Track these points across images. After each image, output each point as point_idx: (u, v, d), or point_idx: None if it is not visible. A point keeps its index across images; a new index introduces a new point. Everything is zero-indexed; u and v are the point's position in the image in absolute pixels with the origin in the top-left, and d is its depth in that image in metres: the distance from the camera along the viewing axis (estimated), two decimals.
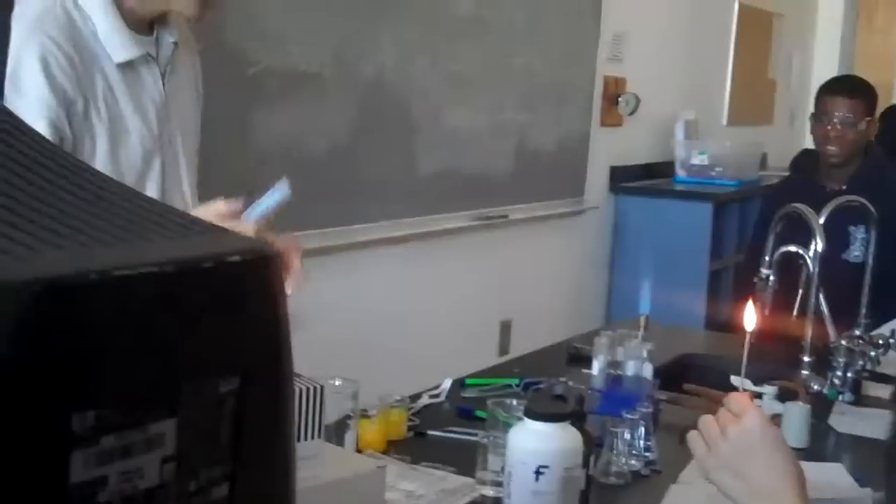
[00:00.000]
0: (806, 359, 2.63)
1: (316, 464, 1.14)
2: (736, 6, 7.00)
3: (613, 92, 5.51)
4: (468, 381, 2.46)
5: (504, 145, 4.70)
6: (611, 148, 5.55)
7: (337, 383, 1.83)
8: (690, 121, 6.19)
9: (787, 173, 4.22)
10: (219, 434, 0.57)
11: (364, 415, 1.98)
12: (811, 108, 3.84)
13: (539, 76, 4.87)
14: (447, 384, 2.39)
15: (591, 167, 5.35)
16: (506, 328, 4.88)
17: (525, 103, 4.81)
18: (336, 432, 1.80)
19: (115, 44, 1.87)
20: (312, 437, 1.14)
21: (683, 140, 6.08)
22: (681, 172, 6.02)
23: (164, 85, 1.97)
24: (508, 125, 4.70)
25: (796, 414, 2.21)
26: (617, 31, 5.47)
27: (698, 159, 5.99)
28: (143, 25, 1.93)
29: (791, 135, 7.86)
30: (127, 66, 1.90)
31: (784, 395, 2.33)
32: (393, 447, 2.02)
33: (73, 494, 0.50)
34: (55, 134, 1.77)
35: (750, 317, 1.64)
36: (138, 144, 1.91)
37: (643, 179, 5.83)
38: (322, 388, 1.17)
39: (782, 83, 7.93)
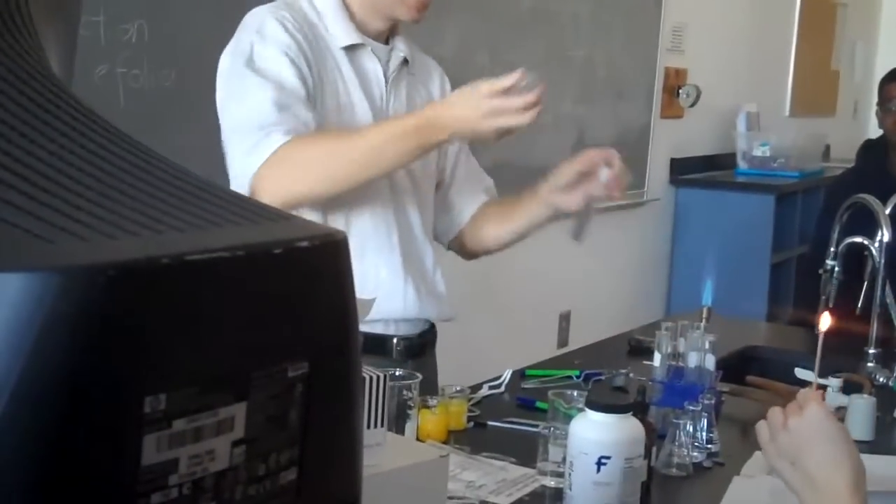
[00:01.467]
0: (871, 351, 2.60)
1: (379, 452, 1.14)
2: None
3: (674, 83, 5.47)
4: (528, 371, 2.46)
5: (564, 137, 4.68)
6: (671, 140, 5.51)
7: (398, 373, 1.84)
8: (752, 112, 6.13)
9: (849, 164, 4.16)
10: (287, 419, 0.57)
11: (425, 405, 1.99)
12: (875, 99, 3.79)
13: (599, 68, 4.85)
14: (507, 375, 2.39)
15: (652, 159, 5.32)
16: (565, 320, 4.87)
17: (585, 95, 4.79)
18: (397, 423, 1.81)
19: (340, 30, 2.08)
20: (376, 426, 1.15)
21: (745, 131, 6.03)
22: (742, 164, 5.96)
23: (385, 83, 2.14)
24: (568, 117, 4.69)
25: (861, 407, 2.18)
26: (678, 21, 5.43)
27: (760, 151, 5.93)
28: (378, 38, 2.15)
29: (854, 126, 7.76)
30: (351, 52, 2.10)
31: (849, 388, 2.31)
32: (453, 438, 2.03)
33: (144, 477, 0.51)
34: (297, 68, 1.98)
35: (825, 319, 1.64)
36: (359, 118, 2.08)
37: (704, 171, 5.79)
38: (385, 377, 1.18)
39: (846, 73, 7.83)
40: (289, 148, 1.91)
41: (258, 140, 1.91)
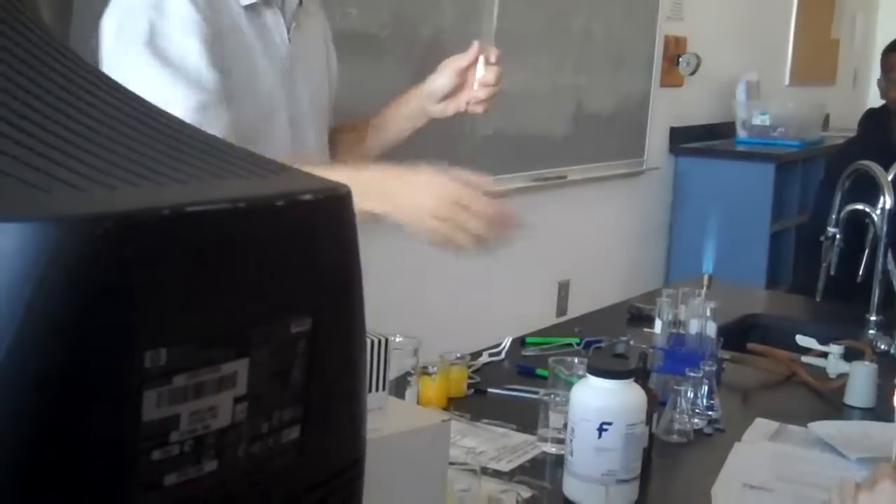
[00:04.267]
0: (873, 318, 2.60)
1: (380, 416, 1.13)
2: None
3: (674, 52, 5.44)
4: (528, 339, 2.45)
5: (563, 106, 4.67)
6: (671, 108, 5.49)
7: (398, 340, 1.83)
8: (752, 81, 6.11)
9: (849, 133, 4.15)
10: (290, 375, 0.56)
11: (425, 372, 1.98)
12: (875, 68, 3.77)
13: (598, 37, 4.82)
14: (507, 342, 2.38)
15: (651, 128, 5.30)
16: (564, 289, 4.86)
17: (584, 64, 4.77)
18: (397, 389, 1.80)
19: None
20: (377, 390, 1.14)
21: (745, 100, 6.01)
22: (742, 133, 5.95)
23: (288, 38, 1.94)
24: (567, 86, 4.66)
25: (862, 373, 2.18)
26: None
27: (760, 120, 5.91)
28: None
29: (854, 95, 7.74)
30: (252, 11, 1.86)
31: (850, 355, 2.30)
32: (453, 404, 2.02)
33: (145, 432, 0.50)
34: (208, 52, 1.74)
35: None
36: (267, 87, 1.89)
37: (704, 140, 5.77)
38: (387, 340, 1.16)
39: (845, 43, 7.80)
40: None
41: None
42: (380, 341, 1.16)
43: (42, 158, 0.51)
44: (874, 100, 3.85)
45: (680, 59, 5.47)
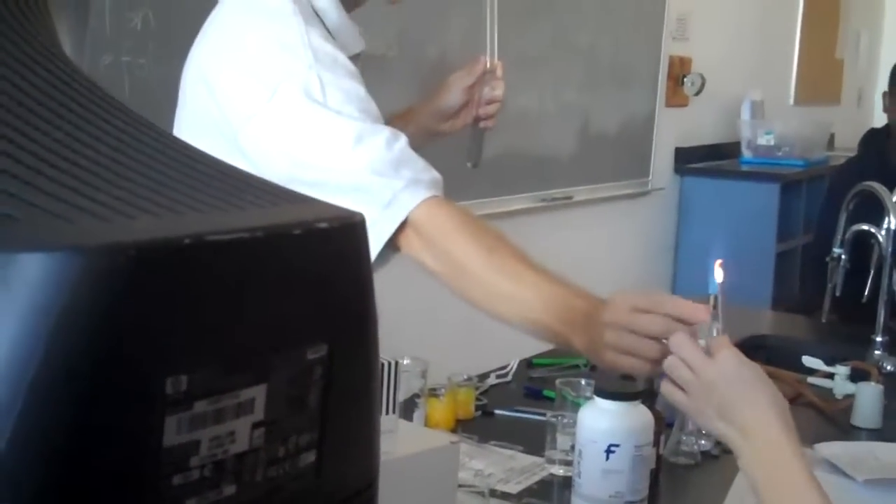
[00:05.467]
0: (879, 339, 2.60)
1: (391, 439, 1.14)
2: None
3: (679, 72, 5.46)
4: (536, 360, 2.46)
5: (569, 126, 4.68)
6: (676, 128, 5.50)
7: (406, 362, 1.84)
8: (757, 101, 6.12)
9: (854, 153, 4.16)
10: (307, 401, 0.57)
11: (433, 394, 1.99)
12: (879, 88, 3.79)
13: (604, 57, 4.84)
14: (515, 364, 2.39)
15: (657, 148, 5.31)
16: None
17: (590, 84, 4.78)
18: (405, 411, 1.81)
19: (346, 38, 1.79)
20: (388, 413, 1.15)
21: (750, 120, 6.02)
22: (747, 153, 5.96)
23: None
24: (573, 106, 4.68)
25: (869, 394, 2.18)
26: (682, 10, 5.42)
27: (765, 139, 5.92)
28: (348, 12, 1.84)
29: (859, 114, 7.75)
30: (353, 59, 1.77)
31: (857, 376, 2.31)
32: (461, 426, 2.03)
33: (165, 458, 0.51)
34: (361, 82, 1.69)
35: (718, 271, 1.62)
36: None
37: (709, 160, 5.78)
38: (397, 363, 1.17)
39: (850, 62, 7.81)
40: (436, 213, 1.62)
41: (390, 191, 1.59)
42: (390, 364, 1.17)
43: (63, 188, 0.52)
44: (879, 119, 3.86)
45: (685, 80, 5.48)
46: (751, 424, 1.30)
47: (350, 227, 0.58)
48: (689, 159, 5.63)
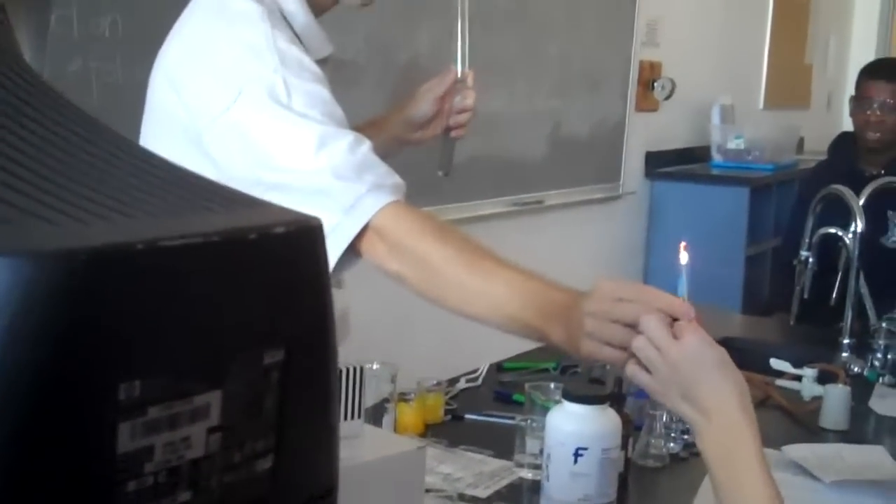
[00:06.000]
0: (846, 341, 2.62)
1: (356, 444, 1.14)
2: None
3: (649, 77, 5.48)
4: (506, 364, 2.46)
5: (539, 131, 4.69)
6: (646, 133, 5.52)
7: (375, 367, 1.84)
8: (726, 105, 6.15)
9: (824, 157, 4.19)
10: (263, 406, 0.57)
11: (402, 398, 1.99)
12: (848, 92, 3.81)
13: (574, 62, 4.85)
14: (484, 368, 2.39)
15: (627, 152, 5.32)
16: None
17: (560, 89, 4.79)
18: (374, 416, 1.80)
19: (314, 42, 1.79)
20: (353, 418, 1.15)
21: (719, 124, 6.05)
22: (717, 157, 5.98)
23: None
24: (544, 111, 4.69)
25: (837, 396, 2.20)
26: (652, 15, 5.44)
27: (734, 143, 5.95)
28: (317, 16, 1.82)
29: (828, 118, 7.79)
30: (319, 64, 1.76)
31: (824, 378, 2.32)
32: (430, 431, 2.03)
33: (120, 464, 0.50)
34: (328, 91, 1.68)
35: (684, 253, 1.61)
36: None
37: (679, 164, 5.80)
38: (362, 368, 1.17)
39: (819, 66, 7.86)
40: (400, 217, 1.61)
41: (352, 194, 1.58)
42: (355, 370, 1.17)
43: (15, 193, 0.51)
44: (849, 123, 3.88)
45: (655, 84, 5.50)
46: (712, 406, 1.32)
47: (306, 232, 0.58)
48: (659, 164, 5.64)
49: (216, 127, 1.63)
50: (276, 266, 0.56)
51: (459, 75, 2.07)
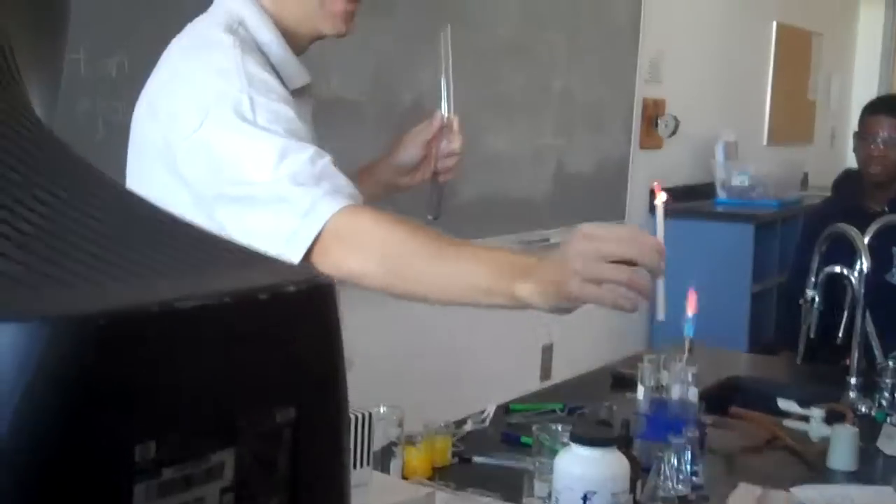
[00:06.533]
0: (853, 380, 2.61)
1: (366, 492, 1.14)
2: (774, 26, 6.98)
3: (652, 114, 5.50)
4: (513, 406, 2.46)
5: (544, 168, 4.70)
6: (651, 170, 5.53)
7: (382, 410, 1.84)
8: (730, 141, 6.17)
9: (828, 193, 4.20)
10: (276, 464, 0.57)
11: (409, 441, 1.98)
12: (852, 127, 3.82)
13: (578, 99, 4.87)
14: (491, 410, 2.39)
15: (632, 189, 5.34)
16: (547, 352, 4.87)
17: (564, 126, 4.81)
18: (382, 460, 1.80)
19: (290, 71, 1.86)
20: (362, 465, 1.14)
21: (723, 161, 6.06)
22: (722, 193, 5.99)
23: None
24: (548, 148, 4.70)
25: (844, 437, 2.19)
26: (655, 52, 5.47)
27: (739, 180, 5.96)
28: (299, 50, 1.90)
29: (832, 154, 7.81)
30: (295, 96, 1.84)
31: (831, 418, 2.31)
32: (438, 474, 2.02)
33: None
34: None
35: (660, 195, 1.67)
36: None
37: (684, 201, 5.81)
38: (370, 415, 1.17)
39: (822, 102, 7.89)
40: (357, 216, 1.63)
41: (309, 198, 1.61)
42: (363, 416, 1.17)
43: (30, 254, 0.52)
44: (852, 159, 3.89)
45: (658, 121, 5.52)
46: None
47: (317, 290, 0.58)
48: None
49: (187, 145, 1.69)
50: (287, 324, 0.56)
51: (445, 120, 2.10)
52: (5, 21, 0.72)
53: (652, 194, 1.45)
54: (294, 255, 1.58)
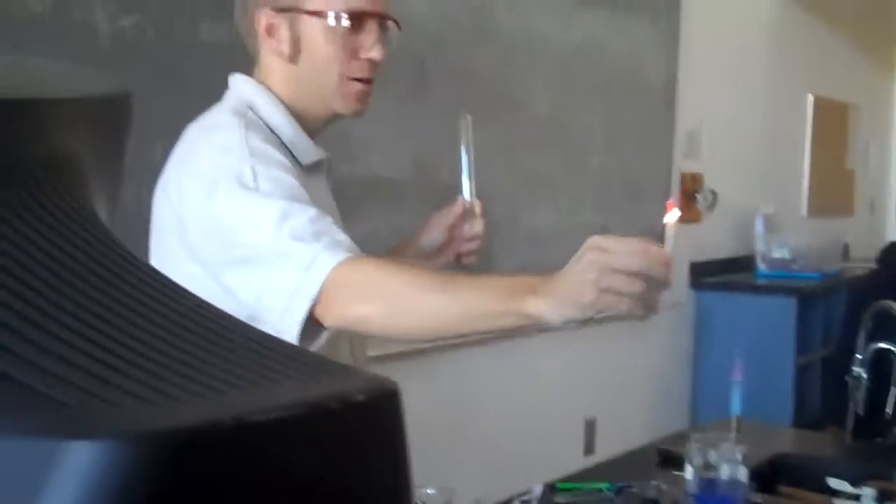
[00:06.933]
0: None
1: None
2: (811, 99, 6.99)
3: (691, 188, 5.51)
4: (560, 485, 2.44)
5: (583, 243, 4.71)
6: (690, 243, 5.53)
7: (430, 492, 1.83)
8: (770, 214, 6.16)
9: (869, 263, 4.17)
10: None
11: None
12: (891, 196, 3.81)
13: (616, 174, 4.89)
14: (538, 490, 2.37)
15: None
16: (590, 426, 4.84)
17: (603, 201, 4.83)
18: None
19: (302, 149, 1.92)
20: None
21: (763, 233, 6.05)
22: (762, 266, 5.97)
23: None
24: (587, 224, 4.72)
25: None
26: (692, 126, 5.49)
27: (779, 252, 5.95)
28: (313, 132, 1.96)
29: (872, 224, 7.78)
30: (309, 171, 1.92)
31: (883, 497, 2.29)
32: None
33: None
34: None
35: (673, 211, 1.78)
36: None
37: (724, 274, 5.80)
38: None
39: (861, 172, 7.87)
40: (358, 265, 1.67)
41: (310, 253, 1.65)
42: None
43: (109, 370, 0.53)
44: (893, 229, 3.88)
45: (697, 195, 5.53)
46: None
47: (386, 399, 0.59)
48: (704, 274, 5.64)
49: (196, 219, 1.76)
50: (356, 434, 0.57)
51: (468, 205, 2.14)
52: (76, 132, 0.74)
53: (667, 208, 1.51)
54: (299, 310, 1.64)
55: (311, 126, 1.95)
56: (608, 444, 4.55)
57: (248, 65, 2.83)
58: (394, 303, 1.64)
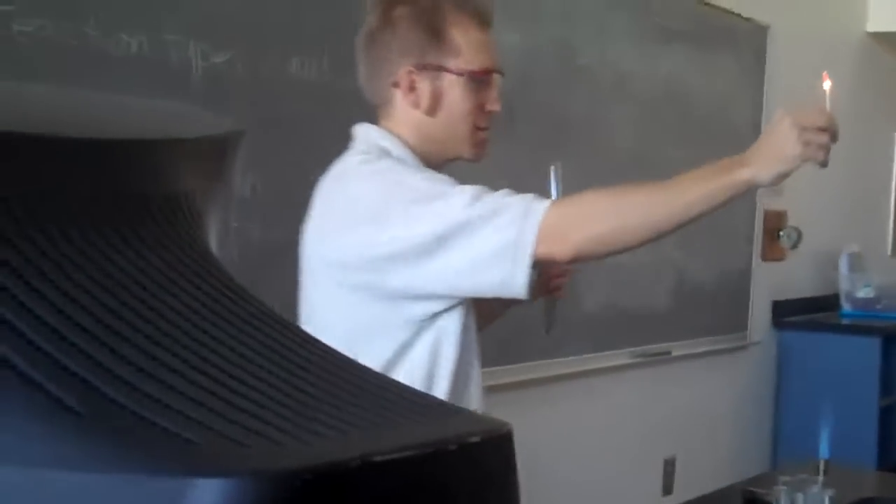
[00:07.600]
0: None
1: None
2: None
3: (774, 226, 5.46)
4: None
5: (664, 281, 4.69)
6: (773, 282, 5.48)
7: None
8: (854, 253, 6.09)
9: None
10: None
11: None
12: None
13: None
14: None
15: (754, 302, 5.28)
16: (669, 466, 4.80)
17: (684, 239, 4.80)
18: None
19: None
20: None
21: (847, 273, 5.98)
22: (846, 306, 5.90)
23: None
24: (668, 261, 4.70)
25: None
26: None
27: (864, 292, 5.87)
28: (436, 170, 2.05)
29: None
30: None
31: None
32: None
33: None
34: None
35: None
36: None
37: (807, 313, 5.73)
38: None
39: None
40: (569, 199, 1.94)
41: (523, 202, 1.84)
42: None
43: (234, 409, 0.55)
44: None
45: (781, 234, 5.48)
46: None
47: (499, 440, 0.60)
48: (787, 313, 5.58)
49: (380, 256, 1.85)
50: (471, 475, 0.58)
51: None
52: (193, 170, 0.76)
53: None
54: (521, 264, 1.78)
55: (434, 168, 2.03)
56: (687, 484, 4.51)
57: (335, 101, 2.88)
58: (622, 212, 1.88)
